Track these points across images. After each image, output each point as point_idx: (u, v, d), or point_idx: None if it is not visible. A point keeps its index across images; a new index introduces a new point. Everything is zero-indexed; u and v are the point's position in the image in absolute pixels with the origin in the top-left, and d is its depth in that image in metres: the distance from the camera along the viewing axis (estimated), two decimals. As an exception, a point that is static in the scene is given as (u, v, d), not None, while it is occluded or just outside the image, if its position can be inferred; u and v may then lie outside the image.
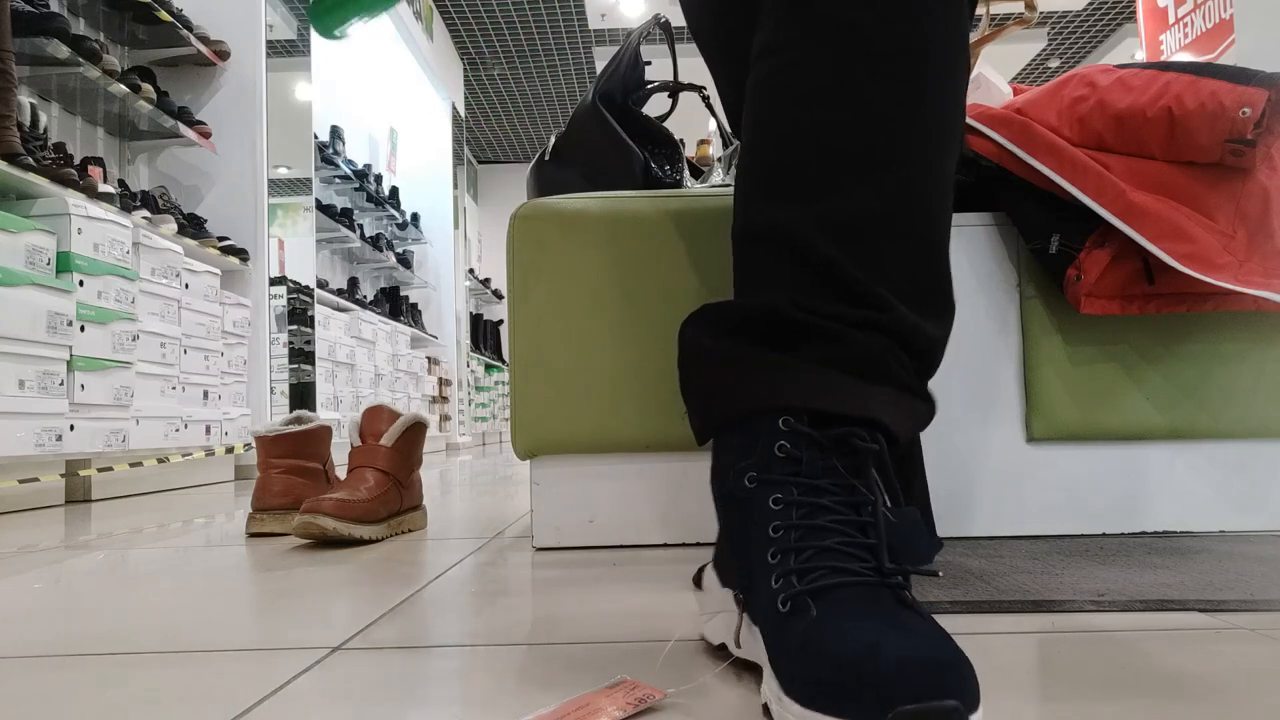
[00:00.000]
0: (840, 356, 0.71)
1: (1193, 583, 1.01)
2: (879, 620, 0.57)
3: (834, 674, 0.54)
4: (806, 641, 0.58)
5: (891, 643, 0.54)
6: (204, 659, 0.82)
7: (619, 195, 1.49)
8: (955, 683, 0.51)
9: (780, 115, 0.76)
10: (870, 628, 0.56)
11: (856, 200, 0.73)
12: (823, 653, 0.56)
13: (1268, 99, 1.30)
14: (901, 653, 0.53)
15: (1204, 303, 1.41)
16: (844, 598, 0.60)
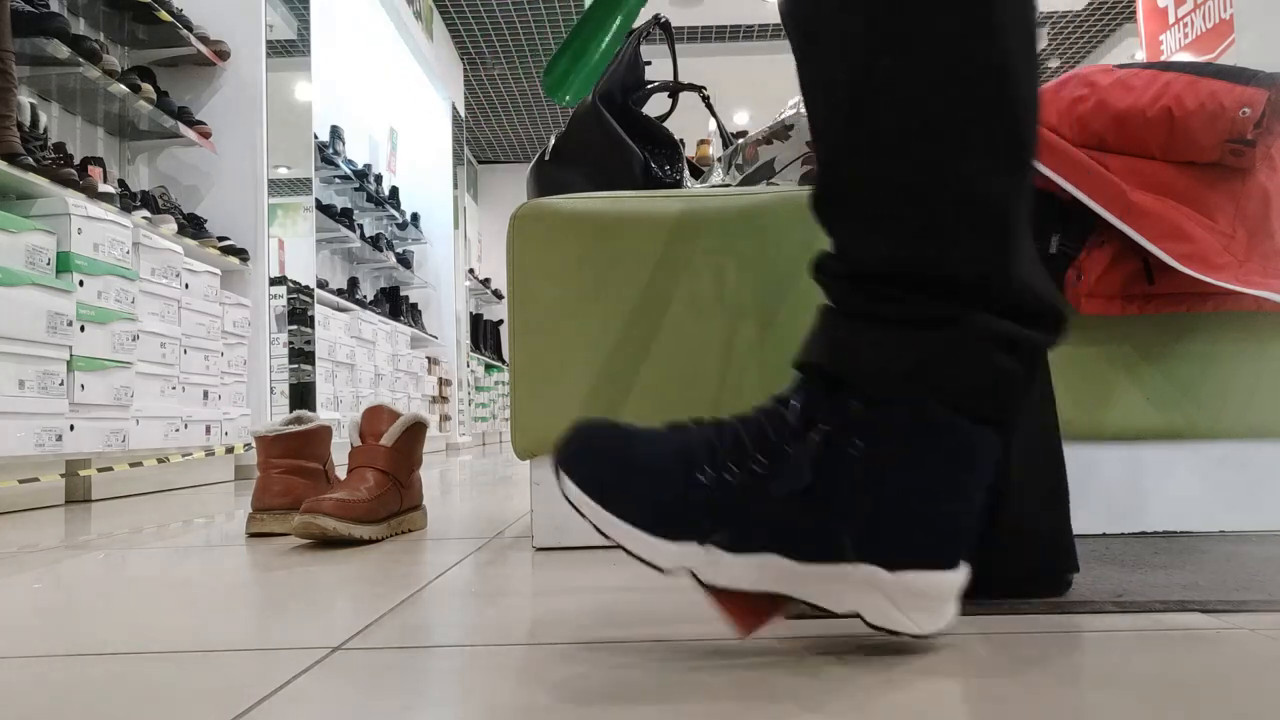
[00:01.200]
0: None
1: (1208, 583, 1.01)
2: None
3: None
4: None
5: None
6: (204, 659, 0.82)
7: (619, 195, 1.49)
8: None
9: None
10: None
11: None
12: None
13: (1268, 99, 1.30)
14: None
15: (1204, 303, 1.41)
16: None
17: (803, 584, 0.75)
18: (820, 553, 0.74)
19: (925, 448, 0.74)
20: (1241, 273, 1.32)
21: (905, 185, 0.75)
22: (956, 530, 0.76)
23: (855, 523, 0.74)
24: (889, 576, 0.74)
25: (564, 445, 0.76)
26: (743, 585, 0.74)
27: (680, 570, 0.74)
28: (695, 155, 3.14)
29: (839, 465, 0.74)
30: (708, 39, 7.94)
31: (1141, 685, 0.68)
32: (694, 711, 0.65)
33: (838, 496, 0.74)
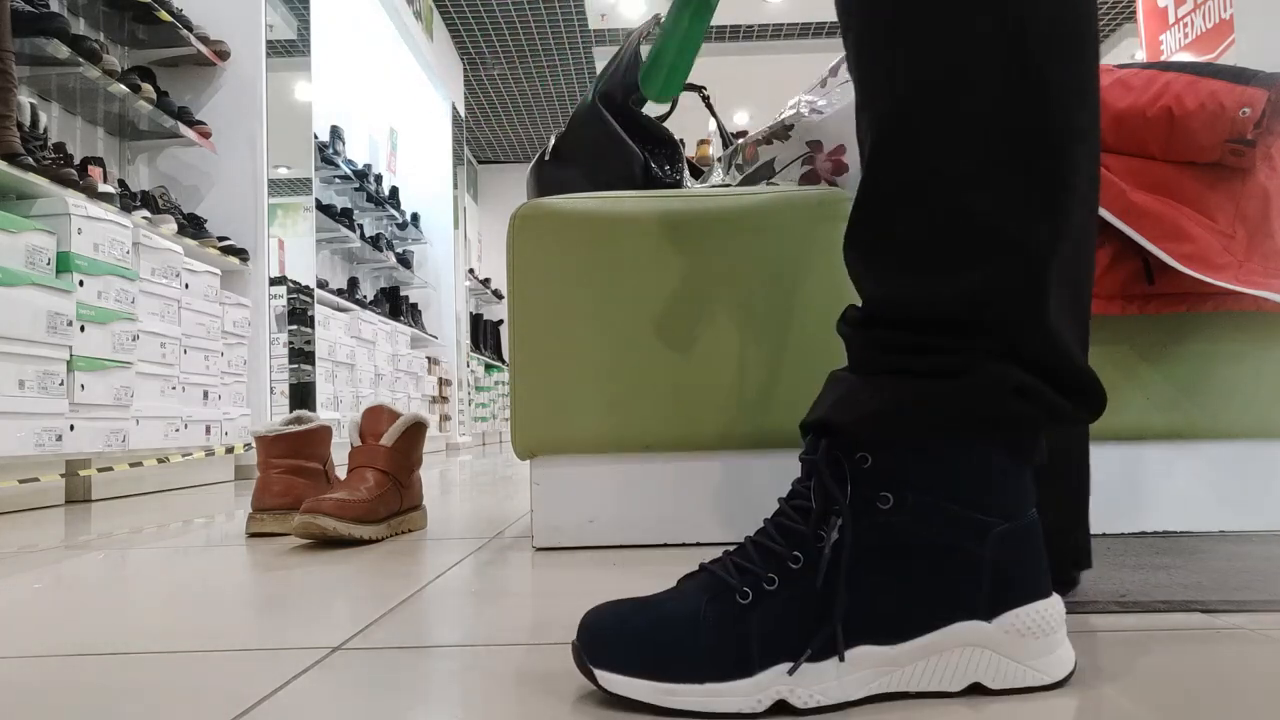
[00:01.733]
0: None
1: (1209, 583, 1.01)
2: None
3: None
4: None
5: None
6: (204, 659, 0.82)
7: (619, 195, 1.49)
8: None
9: None
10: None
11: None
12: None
13: (1267, 99, 1.30)
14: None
15: (1204, 303, 1.41)
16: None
17: (909, 670, 0.67)
18: (906, 628, 0.67)
19: (953, 480, 0.68)
20: (1241, 273, 1.32)
21: (934, 223, 0.70)
22: (1033, 554, 0.70)
23: (926, 580, 0.67)
24: (989, 626, 0.67)
25: (582, 636, 0.68)
26: (847, 696, 0.66)
27: (774, 702, 0.64)
28: (695, 155, 3.13)
29: (875, 524, 0.67)
30: (708, 39, 7.93)
31: (1143, 685, 0.68)
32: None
33: (892, 559, 0.67)
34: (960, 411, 0.68)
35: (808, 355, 1.43)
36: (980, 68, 0.68)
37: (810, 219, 1.44)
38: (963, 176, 0.69)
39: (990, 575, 0.67)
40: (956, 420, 0.68)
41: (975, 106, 0.68)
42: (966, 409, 0.68)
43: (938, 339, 0.69)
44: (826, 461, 0.68)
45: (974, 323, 0.69)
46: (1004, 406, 0.69)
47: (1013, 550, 0.68)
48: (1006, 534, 0.68)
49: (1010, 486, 0.69)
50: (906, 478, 0.67)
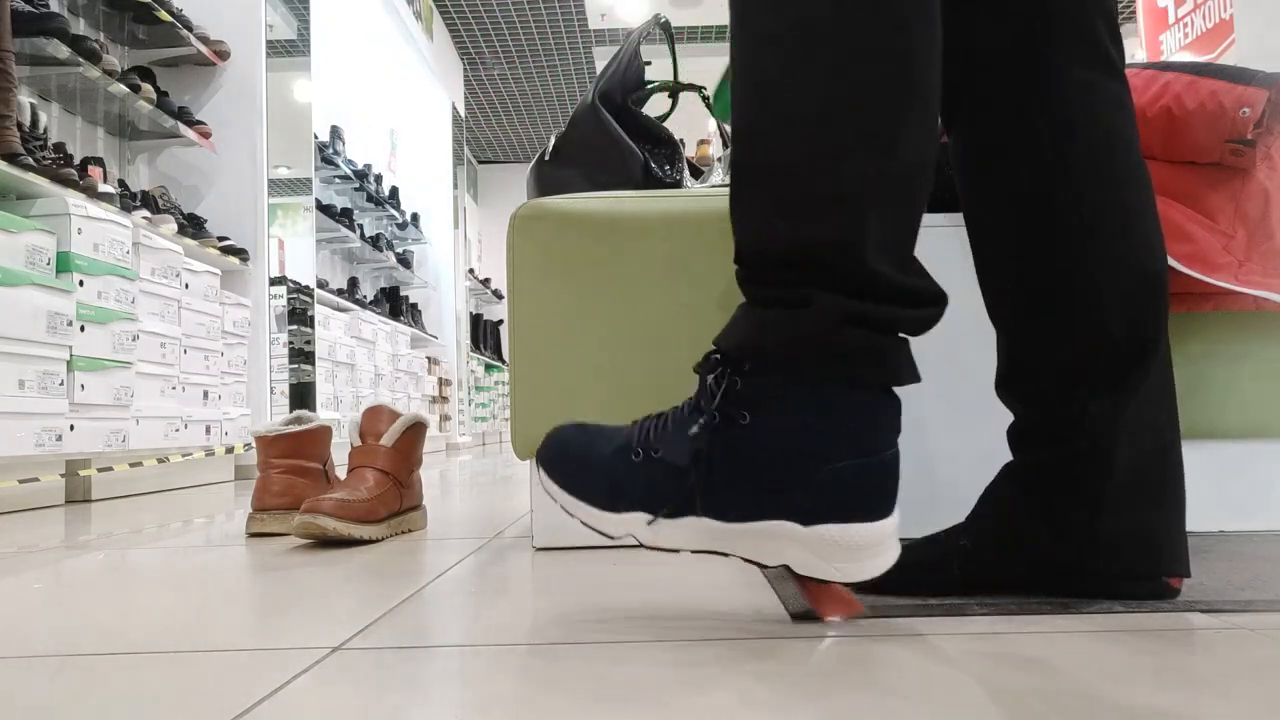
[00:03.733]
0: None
1: (1211, 583, 1.01)
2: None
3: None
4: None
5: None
6: (204, 659, 0.82)
7: (619, 195, 1.49)
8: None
9: None
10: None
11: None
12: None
13: (1267, 99, 1.30)
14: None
15: (1204, 303, 1.41)
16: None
17: (733, 542, 0.86)
18: (740, 513, 0.85)
19: (802, 409, 0.84)
20: (1241, 273, 1.32)
21: (777, 168, 0.85)
22: (869, 485, 0.84)
23: (765, 484, 0.84)
24: (805, 531, 0.83)
25: (542, 447, 0.94)
26: (680, 545, 0.88)
27: (626, 535, 0.89)
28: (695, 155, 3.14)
29: (732, 434, 0.85)
30: (708, 39, 7.94)
31: (1145, 684, 0.68)
32: (694, 711, 0.64)
33: (740, 462, 0.85)
34: (801, 339, 0.83)
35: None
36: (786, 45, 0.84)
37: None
38: (785, 139, 0.84)
39: (817, 493, 0.83)
40: (799, 349, 0.83)
41: (777, 73, 0.84)
42: (804, 337, 0.83)
43: (783, 275, 0.84)
44: (711, 376, 0.87)
45: (806, 262, 0.83)
46: (837, 334, 0.82)
47: (844, 479, 0.83)
48: (841, 469, 0.83)
49: (857, 422, 0.84)
50: (766, 404, 0.85)
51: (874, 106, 0.82)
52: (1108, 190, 0.96)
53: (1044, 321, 0.97)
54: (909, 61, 0.83)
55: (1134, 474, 0.94)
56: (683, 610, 0.97)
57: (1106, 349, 0.95)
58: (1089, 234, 0.95)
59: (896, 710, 0.64)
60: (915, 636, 0.84)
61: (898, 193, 0.84)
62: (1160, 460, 0.96)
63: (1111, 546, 0.94)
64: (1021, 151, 0.98)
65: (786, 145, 0.84)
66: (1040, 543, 0.96)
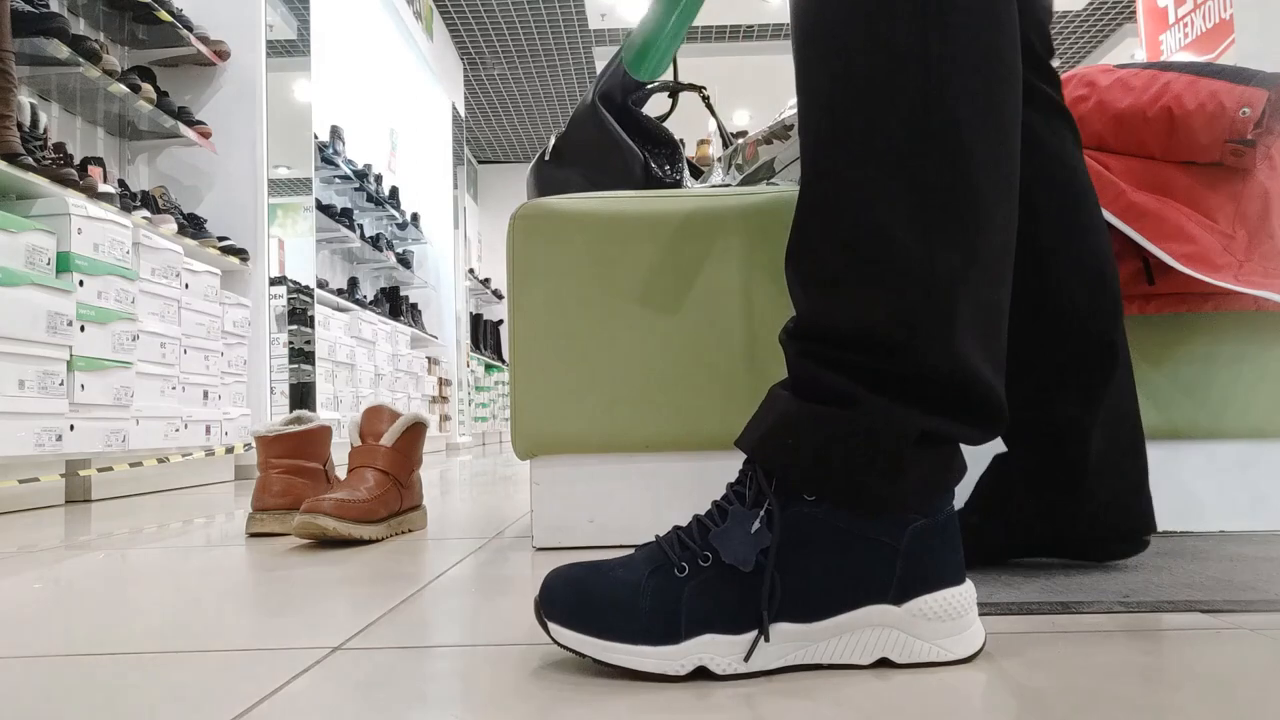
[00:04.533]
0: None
1: (1211, 584, 1.01)
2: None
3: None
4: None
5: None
6: (204, 659, 0.82)
7: (619, 195, 1.49)
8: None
9: None
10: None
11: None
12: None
13: (1268, 99, 1.30)
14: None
15: (1204, 303, 1.41)
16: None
17: (820, 645, 0.74)
18: (823, 609, 0.74)
19: (839, 544, 0.75)
20: (1242, 273, 1.32)
21: (844, 241, 0.75)
22: (948, 545, 0.76)
23: (839, 569, 0.74)
24: (898, 610, 0.74)
25: (544, 592, 0.76)
26: (765, 665, 0.73)
27: (696, 667, 0.72)
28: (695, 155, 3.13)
29: (798, 515, 0.74)
30: (708, 39, 7.94)
31: (1146, 684, 0.68)
32: (695, 710, 0.64)
33: (814, 554, 0.74)
34: (860, 470, 0.74)
35: (808, 355, 1.42)
36: (893, 104, 0.73)
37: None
38: (874, 199, 0.74)
39: (903, 564, 0.74)
40: (859, 480, 0.74)
41: (887, 137, 0.74)
42: (850, 464, 0.74)
43: (853, 355, 0.75)
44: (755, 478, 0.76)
45: (882, 343, 0.74)
46: (898, 461, 0.74)
47: (926, 542, 0.75)
48: (922, 529, 0.75)
49: (927, 487, 0.76)
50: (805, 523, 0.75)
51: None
52: (1074, 208, 1.09)
53: (1033, 327, 1.09)
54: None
55: (1107, 453, 1.09)
56: (683, 610, 0.97)
57: (1081, 355, 1.09)
58: (1066, 248, 1.08)
59: (897, 710, 0.64)
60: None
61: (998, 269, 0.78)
62: (1128, 438, 1.11)
63: (1093, 516, 1.10)
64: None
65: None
66: (1035, 520, 1.12)
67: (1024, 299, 1.07)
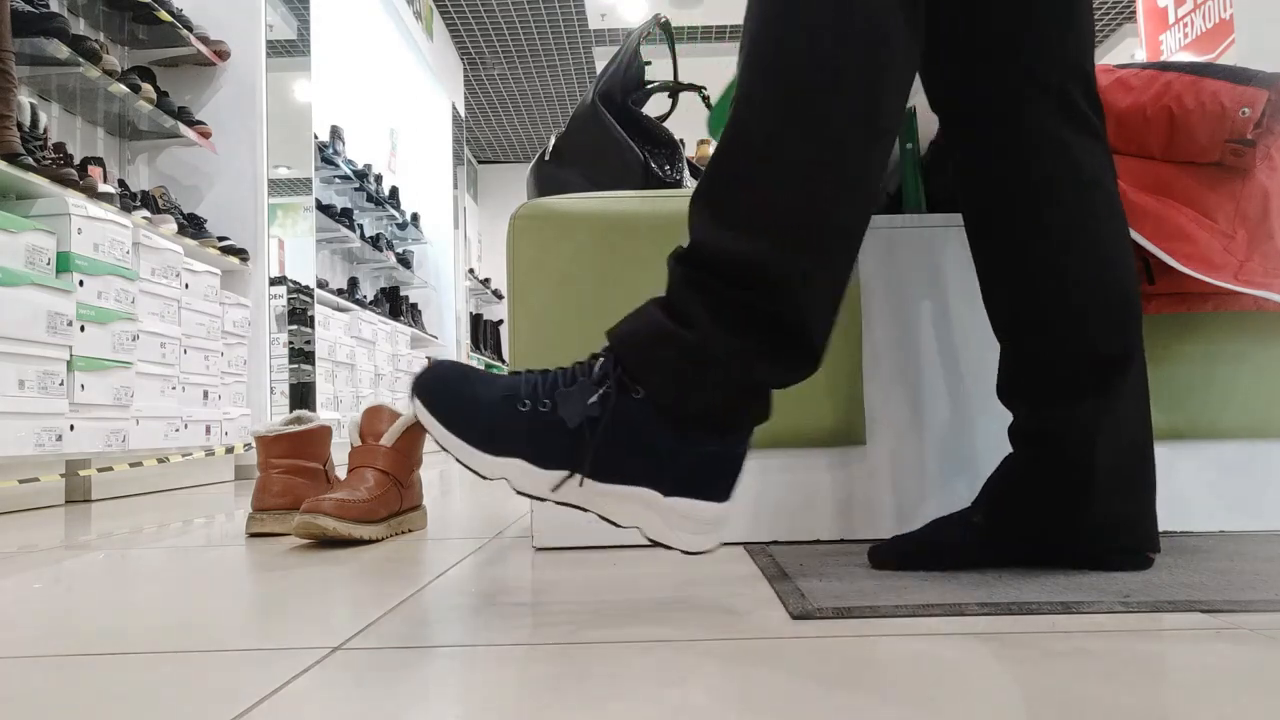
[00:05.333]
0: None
1: (1211, 583, 1.01)
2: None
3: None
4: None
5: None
6: (204, 659, 0.82)
7: (619, 195, 1.49)
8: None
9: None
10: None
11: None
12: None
13: (1268, 99, 1.30)
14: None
15: (1204, 303, 1.41)
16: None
17: (599, 501, 0.95)
18: (613, 477, 0.94)
19: (659, 425, 0.94)
20: (1242, 273, 1.32)
21: (762, 193, 0.94)
22: (724, 471, 0.95)
23: (641, 455, 0.93)
24: (664, 500, 0.94)
25: (420, 377, 0.96)
26: (546, 495, 0.94)
27: (499, 477, 0.94)
28: (695, 155, 3.13)
29: (623, 405, 0.93)
30: (708, 39, 7.94)
31: (1146, 684, 0.68)
32: (695, 711, 0.64)
33: (623, 434, 0.93)
34: (692, 390, 0.93)
35: (808, 355, 1.42)
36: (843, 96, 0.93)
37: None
38: (766, 160, 0.94)
39: (682, 470, 0.94)
40: (690, 399, 0.93)
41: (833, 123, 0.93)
42: (696, 388, 0.93)
43: (721, 285, 0.92)
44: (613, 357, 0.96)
45: (751, 280, 0.92)
46: (725, 384, 0.94)
47: (707, 463, 0.94)
48: (709, 454, 0.94)
49: (731, 417, 0.95)
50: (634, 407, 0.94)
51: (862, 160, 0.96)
52: (1088, 231, 1.12)
53: (1041, 339, 1.12)
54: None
55: (1116, 465, 1.10)
56: (683, 610, 0.97)
57: (1092, 361, 1.11)
58: (1074, 268, 1.11)
59: (897, 710, 0.64)
60: (915, 636, 0.84)
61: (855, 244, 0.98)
62: (1138, 452, 1.12)
63: (1098, 528, 1.11)
64: (1019, 183, 1.13)
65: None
66: (1044, 525, 1.12)
67: (1049, 305, 1.11)
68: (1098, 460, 1.09)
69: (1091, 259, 1.11)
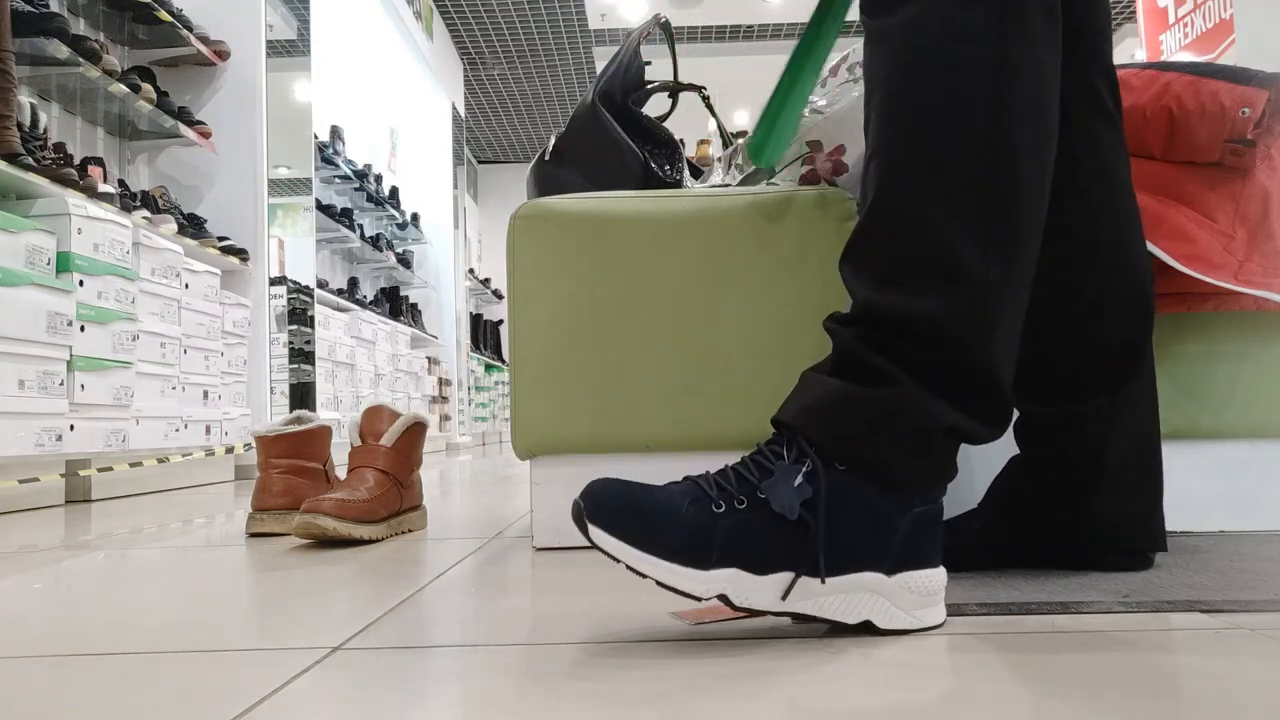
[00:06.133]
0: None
1: (1211, 583, 1.01)
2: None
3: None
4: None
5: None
6: (204, 659, 0.82)
7: (619, 195, 1.49)
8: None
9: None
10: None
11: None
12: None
13: (1268, 99, 1.30)
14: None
15: (1204, 303, 1.41)
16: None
17: (817, 600, 0.83)
18: (841, 565, 0.83)
19: (861, 507, 0.85)
20: (1241, 273, 1.32)
21: (906, 250, 0.89)
22: (934, 531, 0.87)
23: (852, 534, 0.83)
24: (889, 580, 0.84)
25: (587, 497, 0.82)
26: (773, 608, 0.82)
27: (712, 595, 0.81)
28: (695, 155, 3.13)
29: (832, 481, 0.84)
30: (708, 39, 7.94)
31: (1147, 684, 0.68)
32: (695, 711, 0.64)
33: (840, 514, 0.83)
34: (892, 452, 0.85)
35: (807, 354, 1.42)
36: (966, 141, 0.88)
37: (810, 219, 1.44)
38: (936, 218, 0.88)
39: (901, 541, 0.85)
40: (889, 459, 0.85)
41: (960, 169, 0.88)
42: (896, 450, 0.85)
43: (904, 344, 0.87)
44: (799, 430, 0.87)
45: (935, 336, 0.86)
46: (926, 448, 0.86)
47: (921, 526, 0.86)
48: (921, 514, 0.86)
49: (935, 475, 0.88)
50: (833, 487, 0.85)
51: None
52: (1109, 224, 1.10)
53: (1052, 334, 1.10)
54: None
55: (1123, 464, 1.09)
56: (683, 610, 0.97)
57: (1104, 357, 1.10)
58: (1093, 261, 1.10)
59: (896, 710, 0.64)
60: (915, 636, 0.84)
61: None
62: (1145, 451, 1.12)
63: (1105, 527, 1.10)
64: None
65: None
66: (1045, 524, 1.11)
67: (1065, 299, 1.10)
68: (1108, 456, 1.09)
69: (1117, 255, 1.10)
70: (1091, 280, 1.10)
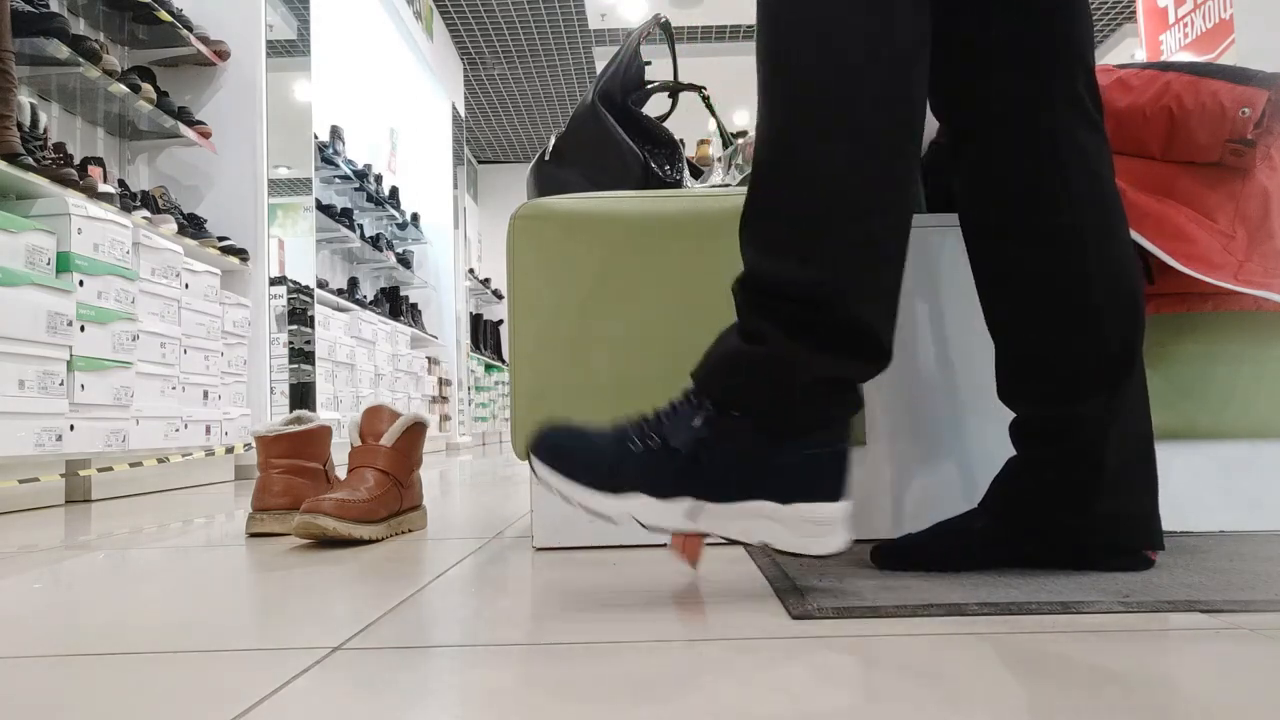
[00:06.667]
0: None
1: (1211, 583, 1.01)
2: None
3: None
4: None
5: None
6: (204, 659, 0.82)
7: (619, 195, 1.49)
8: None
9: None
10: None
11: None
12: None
13: (1268, 99, 1.30)
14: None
15: (1204, 303, 1.41)
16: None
17: (723, 523, 0.98)
18: (729, 495, 0.98)
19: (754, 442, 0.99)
20: (1241, 273, 1.32)
21: (798, 219, 0.99)
22: (834, 470, 0.99)
23: (751, 468, 0.98)
24: (784, 509, 0.97)
25: (535, 439, 1.02)
26: (675, 526, 0.99)
27: (626, 518, 0.98)
28: (695, 155, 3.13)
29: (725, 424, 0.98)
30: (708, 39, 7.94)
31: (1146, 684, 0.68)
32: (695, 711, 0.64)
33: (731, 451, 0.98)
34: (774, 401, 0.98)
35: (808, 355, 1.42)
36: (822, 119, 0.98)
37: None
38: (801, 179, 0.99)
39: (794, 475, 0.98)
40: (771, 407, 0.98)
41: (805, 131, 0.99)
42: (778, 398, 0.98)
43: (785, 306, 0.97)
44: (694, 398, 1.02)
45: (812, 300, 0.97)
46: (808, 395, 0.99)
47: (814, 463, 0.98)
48: (813, 454, 0.98)
49: (825, 418, 1.00)
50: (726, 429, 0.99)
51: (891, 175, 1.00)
52: (1099, 227, 1.12)
53: (1052, 336, 1.12)
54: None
55: (1120, 464, 1.11)
56: (683, 610, 0.97)
57: (1104, 357, 1.11)
58: (1088, 263, 1.11)
59: (897, 710, 0.64)
60: (915, 636, 0.84)
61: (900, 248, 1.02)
62: (1144, 448, 1.13)
63: (1102, 527, 1.11)
64: (1033, 185, 1.13)
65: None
66: (1045, 525, 1.12)
67: (1062, 302, 1.12)
68: (1108, 456, 1.10)
69: (1108, 257, 1.11)
70: (1088, 282, 1.11)
